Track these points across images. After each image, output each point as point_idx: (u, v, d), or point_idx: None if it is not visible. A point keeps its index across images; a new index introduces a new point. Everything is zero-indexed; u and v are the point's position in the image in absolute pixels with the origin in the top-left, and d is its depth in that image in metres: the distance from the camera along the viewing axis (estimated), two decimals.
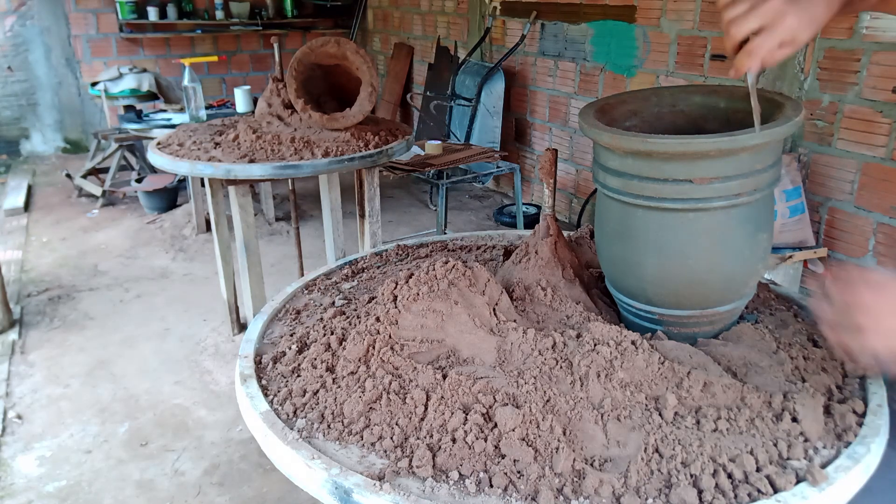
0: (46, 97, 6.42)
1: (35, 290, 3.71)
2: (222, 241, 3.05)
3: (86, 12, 6.29)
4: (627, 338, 0.97)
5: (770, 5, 0.81)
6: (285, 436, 0.88)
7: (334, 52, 2.43)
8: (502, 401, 0.89)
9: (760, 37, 0.82)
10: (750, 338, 1.03)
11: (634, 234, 1.00)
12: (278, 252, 4.22)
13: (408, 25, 6.33)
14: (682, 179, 0.91)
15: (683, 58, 3.75)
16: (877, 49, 2.83)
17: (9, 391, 2.81)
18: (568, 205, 4.80)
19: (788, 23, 0.81)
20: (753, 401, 0.89)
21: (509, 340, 1.00)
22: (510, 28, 5.01)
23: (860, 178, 2.98)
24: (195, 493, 2.26)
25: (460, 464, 0.82)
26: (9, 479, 2.31)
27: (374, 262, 1.46)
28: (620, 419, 0.87)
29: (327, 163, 2.35)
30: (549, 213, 1.17)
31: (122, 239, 4.43)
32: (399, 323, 1.00)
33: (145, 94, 4.96)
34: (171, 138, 2.65)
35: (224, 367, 2.97)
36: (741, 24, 0.82)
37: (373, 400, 0.91)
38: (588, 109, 1.05)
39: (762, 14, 0.81)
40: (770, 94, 1.02)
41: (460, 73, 4.99)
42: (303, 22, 7.05)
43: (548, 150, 1.14)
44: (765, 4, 0.81)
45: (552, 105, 4.77)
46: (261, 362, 1.07)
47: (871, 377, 0.97)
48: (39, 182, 5.70)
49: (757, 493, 0.77)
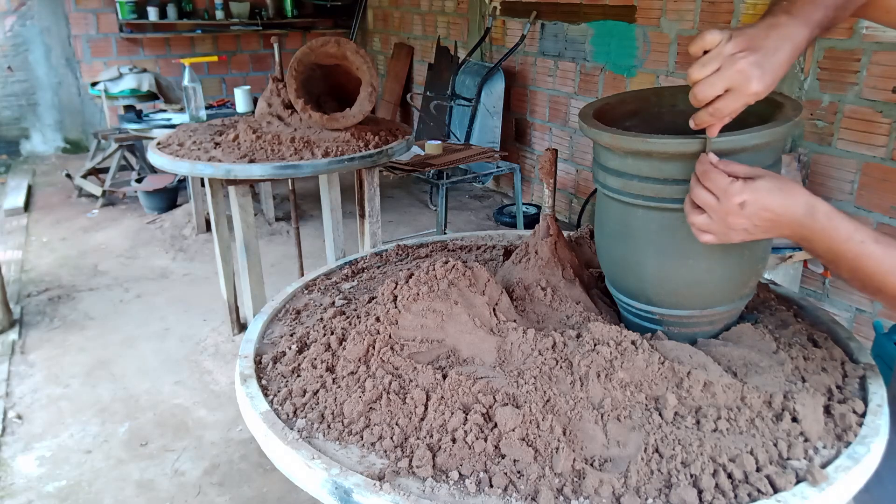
0: (46, 97, 6.42)
1: (35, 290, 3.71)
2: (222, 241, 3.05)
3: (86, 12, 6.29)
4: (627, 338, 0.97)
5: (737, 68, 0.82)
6: (285, 436, 0.88)
7: (334, 52, 2.43)
8: (502, 401, 0.89)
9: (725, 100, 0.83)
10: (750, 338, 1.03)
11: (634, 234, 1.00)
12: (278, 252, 4.22)
13: (408, 25, 6.33)
14: (682, 179, 0.91)
15: (683, 58, 3.75)
16: (877, 49, 2.83)
17: (9, 391, 2.81)
18: (568, 205, 4.80)
19: (753, 86, 0.82)
20: (753, 401, 0.89)
21: (509, 340, 1.00)
22: (510, 28, 5.01)
23: (860, 178, 2.98)
24: (195, 493, 2.26)
25: (460, 464, 0.82)
26: (9, 479, 2.31)
27: (374, 262, 1.46)
28: (620, 419, 0.87)
29: (327, 163, 2.35)
30: (549, 213, 1.17)
31: (122, 239, 4.43)
32: (399, 323, 1.00)
33: (145, 94, 4.96)
34: (171, 138, 2.65)
35: (224, 367, 2.97)
36: (707, 86, 0.83)
37: (373, 400, 0.91)
38: (588, 109, 1.05)
39: (729, 78, 0.82)
40: (770, 94, 1.02)
41: (460, 73, 4.99)
42: (303, 22, 7.05)
43: (548, 150, 1.14)
44: (732, 67, 0.82)
45: (552, 105, 4.78)
46: (261, 362, 1.07)
47: (870, 376, 0.97)
48: (39, 182, 5.71)
49: (757, 493, 0.77)
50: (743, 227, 0.85)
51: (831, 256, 0.86)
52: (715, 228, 0.86)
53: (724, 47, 0.82)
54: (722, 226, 0.85)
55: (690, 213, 0.88)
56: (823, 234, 0.84)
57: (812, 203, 0.84)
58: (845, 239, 0.84)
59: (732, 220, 0.84)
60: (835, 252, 0.85)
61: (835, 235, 0.84)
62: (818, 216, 0.84)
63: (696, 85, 0.83)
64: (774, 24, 0.85)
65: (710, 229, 0.86)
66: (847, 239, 0.84)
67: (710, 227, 0.86)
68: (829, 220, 0.84)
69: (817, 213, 0.84)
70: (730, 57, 0.82)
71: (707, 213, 0.86)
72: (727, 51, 0.82)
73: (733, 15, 3.44)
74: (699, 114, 0.86)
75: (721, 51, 0.82)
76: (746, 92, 0.82)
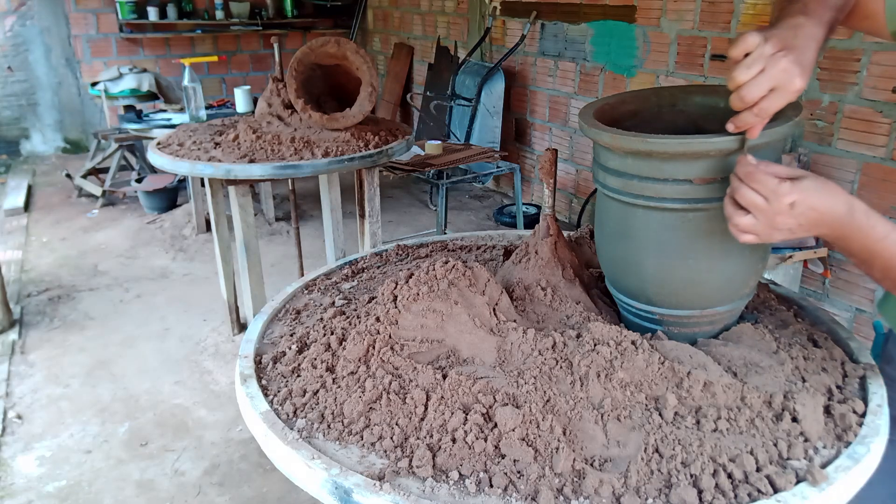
0: (46, 97, 6.42)
1: (35, 290, 3.71)
2: (222, 241, 3.05)
3: (86, 12, 6.29)
4: (627, 338, 0.97)
5: (780, 67, 0.82)
6: (285, 436, 0.88)
7: (334, 52, 2.43)
8: (502, 401, 0.88)
9: (770, 99, 0.84)
10: (750, 338, 1.03)
11: (634, 234, 1.00)
12: (278, 252, 4.22)
13: (408, 25, 6.33)
14: (682, 179, 0.91)
15: (683, 58, 3.75)
16: (877, 49, 2.83)
17: (9, 391, 2.81)
18: (568, 205, 4.80)
19: (797, 83, 0.83)
20: (753, 401, 0.89)
21: (509, 340, 1.00)
22: (510, 28, 5.01)
23: (860, 178, 2.98)
24: (195, 493, 2.26)
25: (460, 464, 0.82)
26: (9, 479, 2.31)
27: (374, 262, 1.46)
28: (620, 419, 0.87)
29: (327, 163, 2.35)
30: (549, 213, 1.17)
31: (122, 239, 4.43)
32: (399, 323, 1.00)
33: (145, 94, 4.96)
34: (171, 138, 2.65)
35: (224, 367, 2.97)
36: (754, 87, 0.83)
37: (373, 400, 0.91)
38: (588, 109, 1.05)
39: (774, 77, 0.83)
40: None
41: (460, 73, 4.99)
42: (303, 22, 7.05)
43: (548, 150, 1.14)
44: (776, 66, 0.82)
45: (552, 105, 4.78)
46: (261, 362, 1.07)
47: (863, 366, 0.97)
48: (39, 182, 5.70)
49: (757, 493, 0.77)
50: (788, 227, 0.85)
51: (866, 255, 0.87)
52: (760, 229, 0.85)
53: (764, 48, 0.83)
54: (768, 227, 0.85)
55: (734, 214, 0.86)
56: (860, 232, 0.85)
57: (851, 202, 0.85)
58: (882, 237, 0.85)
59: (780, 220, 0.84)
60: (870, 251, 0.86)
61: (871, 234, 0.85)
62: (857, 214, 0.85)
63: (743, 87, 0.83)
64: (797, 25, 0.86)
65: (755, 230, 0.86)
66: (884, 237, 0.85)
67: (755, 228, 0.85)
68: (868, 218, 0.85)
69: (856, 212, 0.85)
70: (772, 57, 0.83)
71: (752, 214, 0.85)
72: (767, 51, 0.83)
73: (733, 15, 3.44)
74: (742, 116, 0.85)
75: (762, 52, 0.83)
76: (791, 89, 0.83)
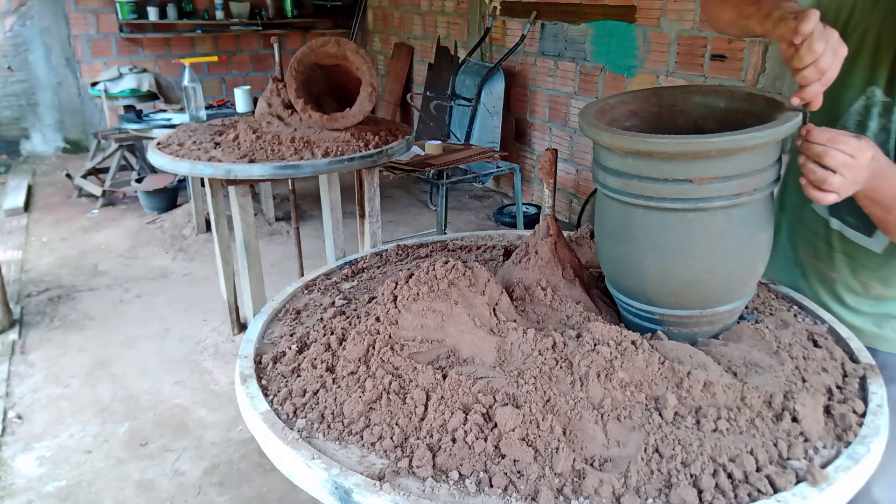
0: (46, 97, 6.42)
1: (35, 290, 3.71)
2: (222, 241, 3.05)
3: (86, 12, 6.29)
4: (627, 338, 0.97)
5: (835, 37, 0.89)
6: (285, 436, 0.88)
7: (334, 52, 2.43)
8: (502, 401, 0.88)
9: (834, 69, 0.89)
10: (750, 338, 1.03)
11: (634, 234, 1.00)
12: (278, 252, 4.22)
13: (408, 25, 6.33)
14: (682, 179, 0.91)
15: (683, 58, 3.75)
16: None
17: (9, 391, 2.81)
18: (568, 205, 4.80)
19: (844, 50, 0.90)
20: (753, 401, 0.89)
21: (509, 340, 1.00)
22: (510, 28, 5.01)
23: None
24: (195, 493, 2.27)
25: (460, 464, 0.82)
26: (9, 479, 2.31)
27: (374, 262, 1.46)
28: (620, 419, 0.87)
29: (327, 163, 2.35)
30: (549, 213, 1.17)
31: (122, 239, 4.43)
32: (399, 323, 1.00)
33: (145, 94, 4.96)
34: (171, 138, 2.65)
35: (224, 367, 2.97)
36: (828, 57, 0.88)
37: (373, 400, 0.91)
38: (588, 109, 1.05)
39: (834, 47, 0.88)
40: (770, 94, 1.02)
41: (460, 73, 4.99)
42: (303, 22, 7.05)
43: (548, 150, 1.14)
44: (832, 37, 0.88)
45: (552, 105, 4.77)
46: (261, 362, 1.07)
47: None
48: (39, 182, 5.71)
49: (757, 493, 0.77)
50: (861, 180, 0.94)
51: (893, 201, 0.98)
52: (846, 187, 0.93)
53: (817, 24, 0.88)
54: (852, 183, 0.93)
55: (827, 176, 0.92)
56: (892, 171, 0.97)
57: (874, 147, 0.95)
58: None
59: (860, 175, 0.93)
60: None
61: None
62: (881, 160, 0.96)
63: (822, 57, 0.88)
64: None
65: (841, 188, 0.93)
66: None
67: (842, 186, 0.92)
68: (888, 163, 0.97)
69: (880, 158, 0.96)
70: (826, 29, 0.88)
71: (840, 173, 0.91)
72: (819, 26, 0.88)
73: None
74: (811, 87, 0.90)
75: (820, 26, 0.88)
76: (842, 57, 0.90)
